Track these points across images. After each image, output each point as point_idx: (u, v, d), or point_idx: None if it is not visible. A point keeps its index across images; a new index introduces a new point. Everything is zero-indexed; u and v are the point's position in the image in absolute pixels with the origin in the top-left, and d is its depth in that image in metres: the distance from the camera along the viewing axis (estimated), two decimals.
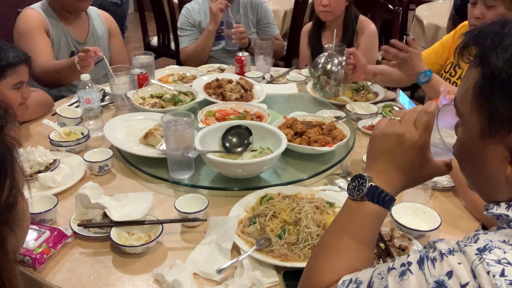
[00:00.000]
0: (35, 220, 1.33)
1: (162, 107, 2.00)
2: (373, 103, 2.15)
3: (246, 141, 1.64)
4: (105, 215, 1.33)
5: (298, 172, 1.65)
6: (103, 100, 2.14)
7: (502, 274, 0.63)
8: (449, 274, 0.66)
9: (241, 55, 2.45)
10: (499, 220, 0.76)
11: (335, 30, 2.38)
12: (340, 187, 1.55)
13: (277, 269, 1.20)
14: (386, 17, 3.05)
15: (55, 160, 1.62)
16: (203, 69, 2.58)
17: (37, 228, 1.28)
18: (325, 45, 2.43)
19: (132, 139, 1.76)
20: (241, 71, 2.44)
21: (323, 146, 1.68)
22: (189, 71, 2.51)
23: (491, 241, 0.68)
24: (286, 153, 1.63)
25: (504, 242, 0.68)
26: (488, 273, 0.63)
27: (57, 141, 1.73)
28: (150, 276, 1.19)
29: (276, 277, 1.18)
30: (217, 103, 2.02)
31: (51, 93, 2.21)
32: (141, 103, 2.01)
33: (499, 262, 0.64)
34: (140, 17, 4.00)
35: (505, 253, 0.66)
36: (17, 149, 0.77)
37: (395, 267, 0.73)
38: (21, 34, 2.23)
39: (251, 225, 1.32)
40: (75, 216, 1.36)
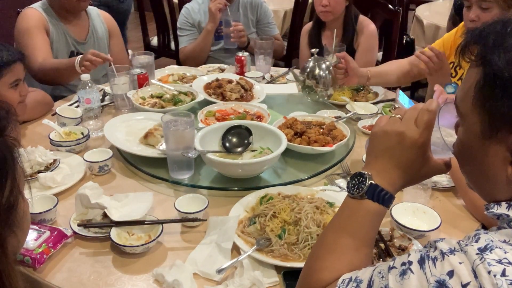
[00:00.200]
0: (35, 220, 1.33)
1: (162, 107, 2.00)
2: (373, 103, 2.15)
3: (246, 141, 1.64)
4: (105, 215, 1.33)
5: (298, 172, 1.65)
6: (103, 100, 2.14)
7: (503, 274, 0.63)
8: (450, 273, 0.66)
9: (241, 55, 2.44)
10: (499, 219, 0.75)
11: (335, 30, 2.39)
12: (340, 187, 1.55)
13: (277, 269, 1.20)
14: (386, 17, 3.05)
15: (55, 160, 1.62)
16: (203, 69, 2.58)
17: (37, 228, 1.28)
18: (325, 45, 2.44)
19: (132, 139, 1.76)
20: (241, 71, 2.44)
21: (323, 146, 1.68)
22: (189, 71, 2.51)
23: (492, 241, 0.67)
24: (286, 153, 1.63)
25: (504, 242, 0.68)
26: (489, 272, 0.63)
27: (57, 141, 1.73)
28: (150, 276, 1.19)
29: (276, 277, 1.18)
30: (217, 103, 2.02)
31: (51, 93, 2.21)
32: (141, 103, 2.01)
33: (500, 262, 0.64)
34: (140, 17, 4.00)
35: (506, 253, 0.66)
36: (18, 150, 0.77)
37: (395, 266, 0.73)
38: (21, 32, 2.23)
39: (251, 225, 1.32)
40: (75, 216, 1.36)
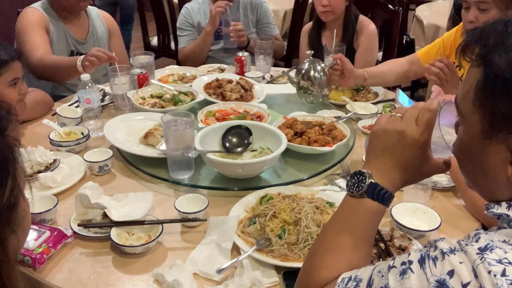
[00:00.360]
0: (35, 220, 1.33)
1: (162, 107, 2.00)
2: (373, 103, 2.15)
3: (246, 141, 1.64)
4: (105, 215, 1.33)
5: (298, 172, 1.65)
6: (103, 100, 2.14)
7: (503, 273, 0.63)
8: (451, 273, 0.66)
9: (241, 55, 2.44)
10: (499, 219, 0.75)
11: (335, 30, 2.39)
12: (340, 187, 1.55)
13: (277, 269, 1.20)
14: (386, 17, 3.05)
15: (55, 160, 1.62)
16: (203, 69, 2.58)
17: (37, 228, 1.28)
18: (325, 45, 2.44)
19: (132, 139, 1.76)
20: (241, 71, 2.44)
21: (323, 146, 1.68)
22: (189, 71, 2.51)
23: (492, 241, 0.67)
24: (286, 153, 1.63)
25: (504, 242, 0.68)
26: (489, 272, 0.63)
27: (57, 141, 1.73)
28: (150, 276, 1.19)
29: (276, 277, 1.18)
30: (217, 103, 2.02)
31: (51, 93, 2.21)
32: (141, 103, 2.01)
33: (500, 261, 0.64)
34: (140, 17, 4.00)
35: (506, 253, 0.66)
36: (19, 150, 0.77)
37: (395, 266, 0.73)
38: (21, 29, 2.23)
39: (251, 225, 1.32)
40: (75, 216, 1.36)
